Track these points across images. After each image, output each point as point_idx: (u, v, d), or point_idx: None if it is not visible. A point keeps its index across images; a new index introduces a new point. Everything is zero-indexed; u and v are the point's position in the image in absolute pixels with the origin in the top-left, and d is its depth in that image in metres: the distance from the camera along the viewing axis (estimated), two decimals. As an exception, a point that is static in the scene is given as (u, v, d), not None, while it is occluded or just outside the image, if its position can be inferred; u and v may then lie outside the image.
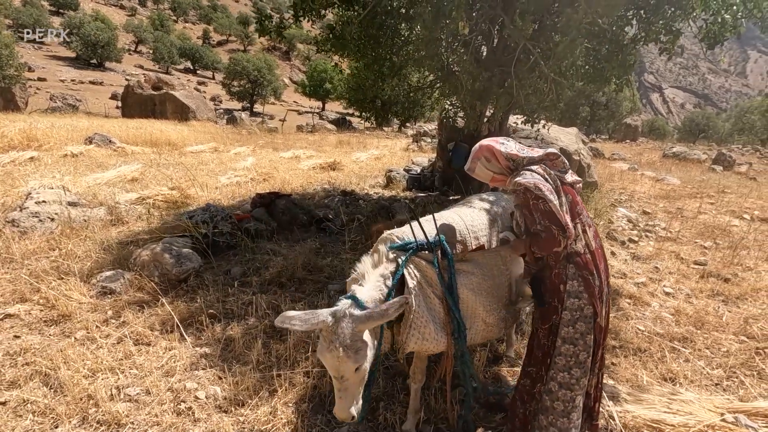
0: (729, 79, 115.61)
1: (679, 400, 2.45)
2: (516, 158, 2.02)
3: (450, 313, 2.02)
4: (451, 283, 2.03)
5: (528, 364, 2.11)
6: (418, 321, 1.98)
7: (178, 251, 3.91)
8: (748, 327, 3.73)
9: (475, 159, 2.09)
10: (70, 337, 2.96)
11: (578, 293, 1.94)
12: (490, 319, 2.18)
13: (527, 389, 2.10)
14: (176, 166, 10.35)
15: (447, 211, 2.60)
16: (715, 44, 4.23)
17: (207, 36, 67.64)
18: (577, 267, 1.94)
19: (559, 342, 1.98)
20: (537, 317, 2.07)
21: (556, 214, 1.86)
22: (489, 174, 2.08)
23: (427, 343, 2.00)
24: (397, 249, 2.03)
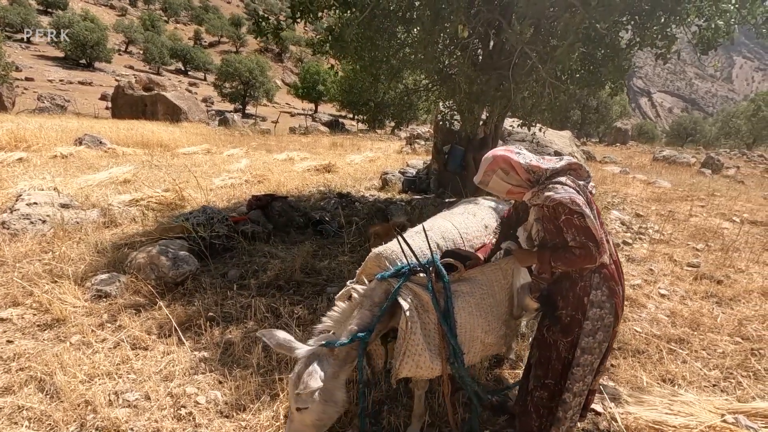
0: (715, 84, 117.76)
1: (680, 402, 2.47)
2: (538, 170, 1.90)
3: (445, 339, 1.94)
4: (447, 308, 1.95)
5: (545, 377, 2.03)
6: (413, 349, 1.91)
7: (175, 254, 3.86)
8: (742, 328, 3.78)
9: (489, 172, 1.93)
10: (65, 341, 2.90)
11: (601, 303, 1.91)
12: (489, 339, 2.10)
13: (544, 402, 2.04)
14: (169, 167, 10.25)
15: (438, 218, 2.55)
16: (709, 49, 4.30)
17: (199, 37, 67.23)
18: (603, 278, 1.90)
19: (579, 353, 1.93)
20: (557, 330, 1.99)
21: (592, 229, 1.79)
22: (506, 187, 1.93)
23: (421, 371, 1.95)
24: (390, 277, 1.97)
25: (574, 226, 1.80)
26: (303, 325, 3.26)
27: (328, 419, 1.87)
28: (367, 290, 1.99)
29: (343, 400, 1.88)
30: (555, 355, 2.00)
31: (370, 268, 2.15)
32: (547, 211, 1.85)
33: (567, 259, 1.83)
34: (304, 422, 1.84)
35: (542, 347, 2.07)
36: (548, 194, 1.81)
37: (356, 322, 1.91)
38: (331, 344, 1.86)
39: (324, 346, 1.87)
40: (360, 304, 1.96)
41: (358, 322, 1.91)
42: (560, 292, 1.99)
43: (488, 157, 1.95)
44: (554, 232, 1.88)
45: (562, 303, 1.98)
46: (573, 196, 1.78)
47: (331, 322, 1.98)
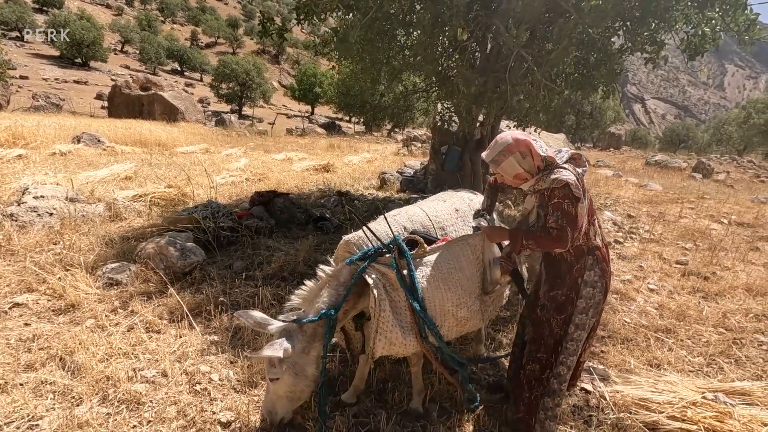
0: (708, 92, 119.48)
1: (665, 381, 2.64)
2: (552, 162, 2.00)
3: (416, 314, 2.02)
4: (413, 284, 2.04)
5: (538, 351, 2.17)
6: (384, 326, 2.00)
7: (182, 245, 3.99)
8: (726, 320, 3.97)
9: (506, 152, 1.97)
10: (79, 325, 3.02)
11: (594, 283, 2.06)
12: (461, 313, 2.17)
13: (536, 374, 2.17)
14: (169, 165, 10.34)
15: (410, 205, 2.67)
16: (696, 55, 4.51)
17: (195, 37, 67.19)
18: (596, 260, 2.06)
19: (572, 329, 2.08)
20: (552, 308, 2.12)
21: (578, 216, 1.91)
22: (517, 170, 1.99)
23: (395, 347, 2.03)
24: (357, 260, 2.08)
25: (560, 210, 1.92)
26: (308, 313, 3.40)
27: (300, 392, 2.04)
28: (334, 271, 2.13)
29: (314, 374, 2.03)
30: (548, 332, 2.15)
31: (341, 255, 2.30)
32: (547, 195, 1.96)
33: (540, 239, 1.96)
34: (278, 393, 2.00)
35: (536, 325, 2.21)
36: (556, 176, 1.92)
37: (323, 300, 2.04)
38: (300, 321, 2.00)
39: (293, 323, 2.01)
40: (327, 284, 2.09)
41: (326, 301, 2.04)
42: (558, 274, 2.13)
43: (507, 138, 2.00)
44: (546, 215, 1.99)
45: (558, 283, 2.12)
46: (576, 181, 1.92)
47: (299, 300, 2.13)
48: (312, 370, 2.02)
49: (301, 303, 2.13)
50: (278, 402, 2.03)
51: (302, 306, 2.12)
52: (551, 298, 2.16)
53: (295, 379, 1.98)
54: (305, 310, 2.09)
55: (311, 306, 2.08)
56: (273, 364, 1.95)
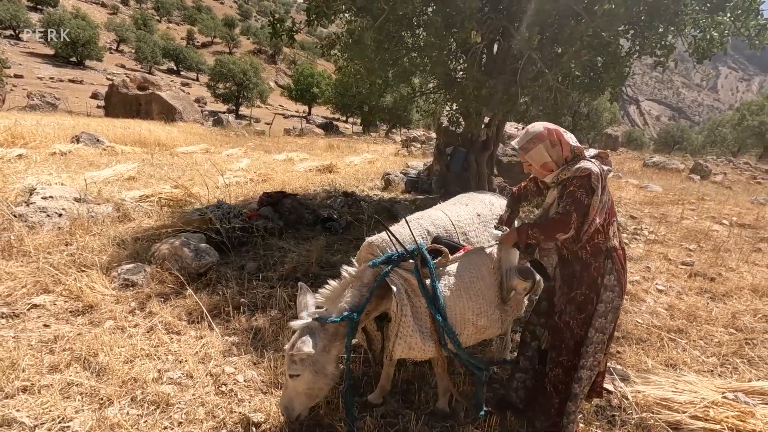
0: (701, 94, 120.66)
1: (684, 381, 2.68)
2: (579, 151, 2.03)
3: (436, 321, 2.04)
4: (434, 293, 2.05)
5: (559, 355, 2.18)
6: (404, 330, 2.02)
7: (196, 246, 3.98)
8: (735, 321, 4.02)
9: (536, 140, 2.01)
10: (99, 326, 3.01)
11: (613, 287, 2.07)
12: (480, 322, 2.18)
13: (560, 379, 2.18)
14: (170, 166, 10.31)
15: (431, 209, 2.67)
16: (704, 59, 4.57)
17: (191, 37, 66.92)
18: (614, 262, 2.07)
19: (592, 332, 2.10)
20: (572, 309, 2.13)
21: (590, 207, 1.92)
22: (545, 159, 2.02)
23: (413, 351, 2.06)
24: (381, 264, 2.10)
25: (572, 197, 1.93)
26: (325, 314, 3.41)
27: (318, 390, 2.05)
28: (357, 272, 2.14)
29: (333, 373, 2.05)
30: (569, 335, 2.16)
31: (363, 257, 2.31)
32: (567, 184, 1.99)
33: (543, 225, 1.99)
34: (297, 389, 2.02)
35: (555, 332, 2.21)
36: (581, 165, 1.95)
37: (347, 301, 2.06)
38: (322, 320, 2.02)
39: (316, 321, 2.03)
40: (350, 285, 2.11)
41: (349, 301, 2.06)
42: (573, 274, 2.14)
43: (538, 127, 2.05)
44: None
45: (576, 283, 2.13)
46: (599, 174, 1.94)
47: (322, 299, 2.14)
48: (331, 369, 2.05)
49: (323, 302, 2.15)
50: (296, 398, 2.04)
51: (325, 305, 2.14)
52: (570, 300, 2.16)
53: (314, 377, 2.00)
54: (328, 309, 2.10)
55: (334, 305, 2.09)
56: (294, 361, 1.97)
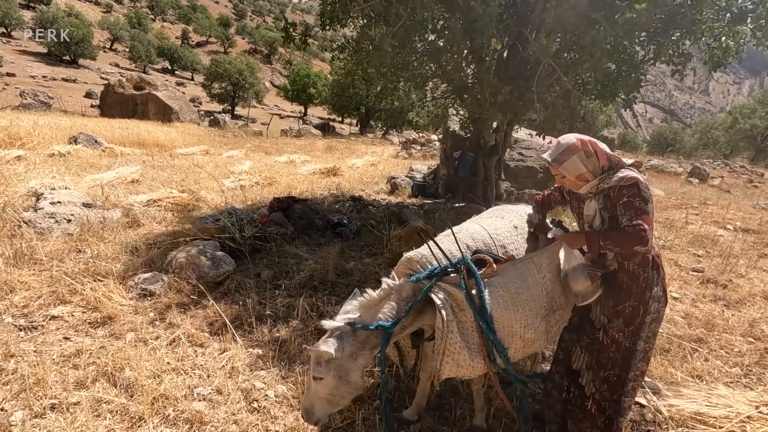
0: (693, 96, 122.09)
1: (716, 395, 2.67)
2: (617, 160, 1.97)
3: (484, 336, 1.98)
4: (482, 305, 1.99)
5: (606, 372, 2.10)
6: (451, 348, 1.94)
7: (213, 254, 3.92)
8: (753, 329, 4.04)
9: (569, 152, 1.96)
10: (120, 339, 2.95)
11: (659, 298, 2.04)
12: (528, 335, 2.11)
13: (605, 395, 2.11)
14: (172, 168, 10.20)
15: (467, 222, 2.62)
16: (718, 67, 4.59)
17: (186, 36, 66.43)
18: (659, 272, 2.04)
19: (641, 345, 2.06)
20: (620, 323, 2.06)
21: (648, 215, 1.85)
22: (581, 170, 1.95)
23: (462, 369, 1.98)
24: (423, 279, 2.04)
25: (633, 208, 1.85)
26: (347, 324, 3.37)
27: (341, 398, 1.98)
28: (397, 285, 2.08)
29: (357, 382, 1.97)
30: (614, 349, 2.08)
31: (401, 272, 2.24)
32: (613, 194, 1.91)
33: (618, 238, 1.86)
34: (318, 393, 1.96)
35: (600, 350, 2.12)
36: (624, 174, 1.88)
37: (383, 312, 2.00)
38: (354, 325, 1.96)
39: (348, 325, 1.97)
40: (389, 296, 2.05)
41: (386, 312, 2.00)
42: (620, 286, 2.07)
43: (570, 138, 2.00)
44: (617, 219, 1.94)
45: (624, 295, 2.05)
46: (645, 181, 1.88)
47: (357, 305, 2.07)
48: (356, 378, 1.98)
49: (358, 308, 2.07)
50: (317, 403, 1.99)
51: (359, 312, 2.06)
52: (616, 313, 2.08)
53: (337, 383, 1.94)
54: (362, 316, 2.04)
55: (368, 313, 2.03)
56: (319, 362, 1.92)
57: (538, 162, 7.87)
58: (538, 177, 7.86)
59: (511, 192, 7.56)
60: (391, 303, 2.05)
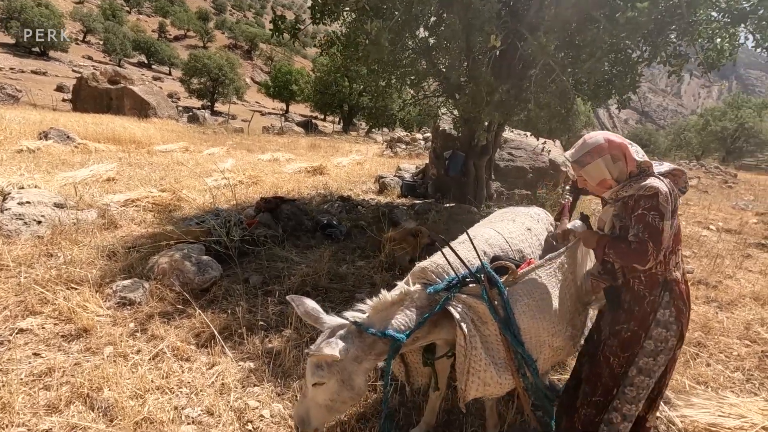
0: (666, 99, 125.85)
1: (728, 404, 2.60)
2: (648, 168, 1.78)
3: (511, 349, 1.85)
4: (507, 315, 1.85)
5: (593, 394, 1.97)
6: (477, 365, 1.80)
7: (198, 259, 3.69)
8: (748, 332, 4.04)
9: (595, 153, 1.78)
10: (97, 354, 2.70)
11: (668, 324, 1.81)
12: (557, 343, 1.99)
13: (590, 419, 1.98)
14: (151, 166, 9.79)
15: (478, 226, 2.49)
16: (712, 69, 4.58)
17: (163, 30, 64.66)
18: (673, 296, 1.81)
19: (634, 372, 1.85)
20: (616, 344, 1.89)
21: (662, 233, 1.67)
22: (604, 175, 1.79)
23: (489, 388, 1.84)
24: (441, 291, 1.89)
25: (643, 223, 1.70)
26: (344, 333, 3.19)
27: (341, 404, 1.80)
28: (412, 292, 1.91)
29: (360, 387, 1.80)
30: (607, 372, 1.92)
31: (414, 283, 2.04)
32: (630, 203, 1.75)
33: (621, 250, 1.73)
34: (317, 399, 1.77)
35: (594, 364, 1.99)
36: (647, 182, 1.71)
37: (397, 320, 1.83)
38: (362, 326, 1.78)
39: (354, 325, 1.79)
40: (402, 301, 1.88)
41: (399, 321, 1.83)
42: (621, 305, 1.90)
43: (598, 138, 1.80)
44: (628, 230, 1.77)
45: (624, 317, 1.88)
46: (668, 193, 1.69)
47: (370, 305, 1.87)
48: (359, 382, 1.80)
49: (369, 309, 1.86)
50: (315, 410, 1.78)
51: (370, 312, 1.86)
52: (615, 333, 1.92)
53: (340, 387, 1.75)
54: (370, 317, 1.84)
55: (378, 316, 1.84)
56: (320, 366, 1.73)
57: (528, 162, 7.83)
58: (528, 177, 7.82)
59: (502, 192, 7.49)
60: (405, 311, 1.87)
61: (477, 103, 4.64)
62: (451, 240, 2.17)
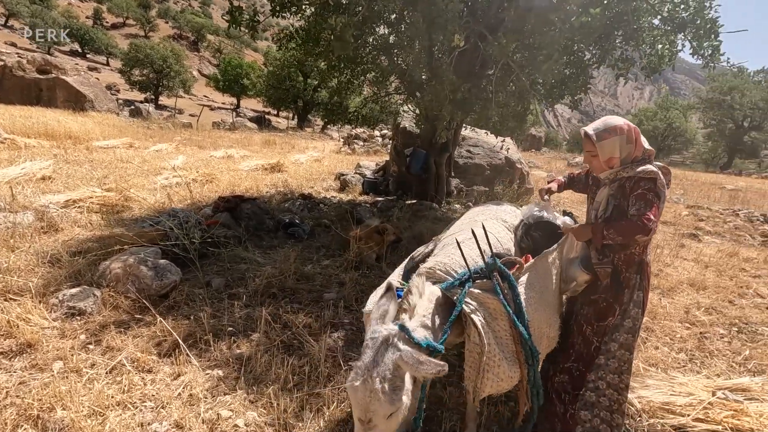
0: (604, 99, 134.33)
1: (678, 383, 2.82)
2: (650, 156, 1.99)
3: (522, 341, 1.88)
4: (519, 309, 1.89)
5: (566, 360, 2.15)
6: (491, 362, 1.83)
7: (155, 262, 3.47)
8: (688, 315, 4.40)
9: (614, 132, 1.94)
10: (45, 371, 2.47)
11: (639, 303, 2.03)
12: (552, 333, 2.08)
13: (565, 387, 2.14)
14: (91, 163, 9.09)
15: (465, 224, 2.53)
16: (653, 73, 4.92)
17: (99, 16, 60.14)
18: (642, 277, 2.03)
19: (615, 347, 2.05)
20: (590, 313, 2.10)
21: (658, 210, 1.87)
22: (614, 152, 1.94)
23: (503, 383, 1.87)
24: (456, 286, 1.89)
25: (645, 200, 1.88)
26: (314, 335, 3.13)
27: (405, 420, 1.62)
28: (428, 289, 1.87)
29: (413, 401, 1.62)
30: (581, 340, 2.12)
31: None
32: (629, 185, 1.94)
33: (621, 226, 1.88)
34: (392, 428, 1.49)
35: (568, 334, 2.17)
36: (647, 167, 1.91)
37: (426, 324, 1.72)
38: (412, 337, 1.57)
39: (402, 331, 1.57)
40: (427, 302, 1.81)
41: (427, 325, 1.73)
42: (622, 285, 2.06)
43: (618, 120, 1.98)
44: (624, 210, 1.96)
45: (601, 288, 2.07)
46: (662, 181, 1.92)
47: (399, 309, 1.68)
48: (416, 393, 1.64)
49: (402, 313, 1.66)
50: None
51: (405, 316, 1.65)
52: (591, 302, 2.11)
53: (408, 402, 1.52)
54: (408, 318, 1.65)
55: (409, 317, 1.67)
56: (397, 390, 1.42)
57: (486, 159, 8.05)
58: (486, 174, 8.05)
59: (461, 189, 7.66)
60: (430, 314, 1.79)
61: (440, 102, 4.69)
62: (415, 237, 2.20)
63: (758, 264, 6.57)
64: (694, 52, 4.02)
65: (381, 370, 1.41)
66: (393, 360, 1.44)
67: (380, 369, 1.42)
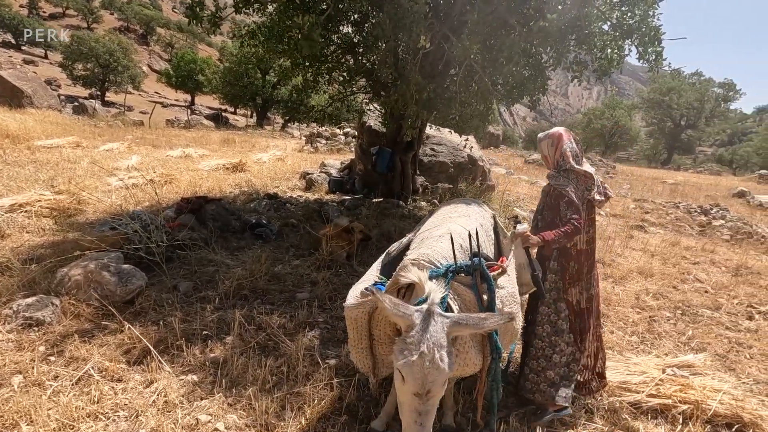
0: (556, 99, 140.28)
1: (633, 363, 3.06)
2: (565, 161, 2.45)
3: (489, 336, 1.99)
4: (491, 307, 1.99)
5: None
6: (462, 348, 1.95)
7: (118, 268, 3.33)
8: (638, 301, 4.74)
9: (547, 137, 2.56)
10: (3, 385, 2.33)
11: (555, 270, 2.52)
12: (517, 326, 2.21)
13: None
14: (34, 164, 8.49)
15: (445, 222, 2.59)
16: (604, 75, 5.24)
17: (35, 5, 55.87)
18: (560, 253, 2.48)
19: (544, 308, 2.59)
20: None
21: (576, 202, 2.32)
22: (544, 153, 2.58)
23: (467, 368, 2.00)
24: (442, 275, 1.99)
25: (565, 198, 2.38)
26: (290, 335, 3.13)
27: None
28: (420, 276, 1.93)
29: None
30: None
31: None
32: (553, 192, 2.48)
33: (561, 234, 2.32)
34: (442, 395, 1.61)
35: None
36: (560, 183, 2.41)
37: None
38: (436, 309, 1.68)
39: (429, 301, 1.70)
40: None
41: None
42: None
43: (557, 130, 2.57)
44: (553, 206, 2.47)
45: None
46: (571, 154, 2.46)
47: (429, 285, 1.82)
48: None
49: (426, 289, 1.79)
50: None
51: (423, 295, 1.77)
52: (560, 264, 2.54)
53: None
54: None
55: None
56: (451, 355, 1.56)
57: (449, 157, 8.25)
58: (450, 171, 8.25)
59: (426, 186, 7.81)
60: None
61: (406, 102, 4.78)
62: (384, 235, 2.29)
63: (697, 252, 7.17)
64: (641, 57, 4.33)
65: (436, 340, 1.51)
66: (444, 327, 1.56)
67: (435, 339, 1.51)
